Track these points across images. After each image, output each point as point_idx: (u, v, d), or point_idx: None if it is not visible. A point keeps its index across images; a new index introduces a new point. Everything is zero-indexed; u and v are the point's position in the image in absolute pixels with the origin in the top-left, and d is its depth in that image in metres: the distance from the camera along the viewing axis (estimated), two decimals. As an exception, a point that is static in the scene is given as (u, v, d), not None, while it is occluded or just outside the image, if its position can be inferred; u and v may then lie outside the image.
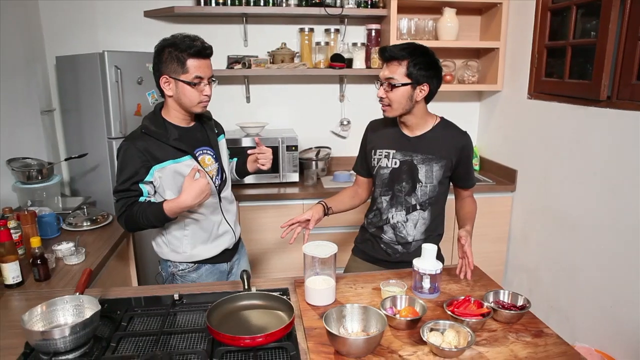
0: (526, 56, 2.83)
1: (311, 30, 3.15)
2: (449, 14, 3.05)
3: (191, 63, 1.55)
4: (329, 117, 3.41)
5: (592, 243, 2.34)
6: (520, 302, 1.41)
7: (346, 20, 3.19)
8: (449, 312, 1.32)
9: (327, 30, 3.19)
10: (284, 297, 1.43)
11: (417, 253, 1.76)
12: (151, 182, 1.64)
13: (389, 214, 1.77)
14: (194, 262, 1.79)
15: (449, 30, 3.06)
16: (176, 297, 1.51)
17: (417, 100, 1.64)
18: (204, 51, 1.57)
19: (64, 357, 1.20)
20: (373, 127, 1.85)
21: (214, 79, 1.65)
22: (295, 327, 1.35)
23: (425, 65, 1.60)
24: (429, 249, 1.51)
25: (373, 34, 3.17)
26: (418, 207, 1.74)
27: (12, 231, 1.84)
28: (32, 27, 2.81)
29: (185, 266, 1.79)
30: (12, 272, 1.66)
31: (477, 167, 3.43)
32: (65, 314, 1.31)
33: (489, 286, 1.61)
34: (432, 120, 1.74)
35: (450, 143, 1.71)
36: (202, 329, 1.33)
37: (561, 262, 2.58)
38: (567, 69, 2.48)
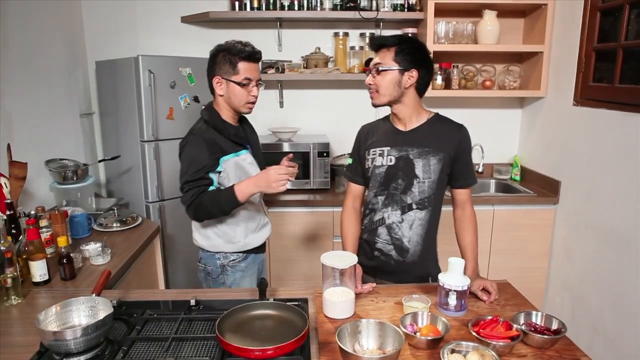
0: (572, 60, 2.66)
1: (346, 34, 3.10)
2: (490, 16, 2.92)
3: (242, 65, 1.71)
4: (363, 123, 3.32)
5: (643, 262, 2.15)
6: (555, 326, 1.29)
7: (381, 24, 3.12)
8: (474, 333, 1.23)
9: (362, 35, 3.13)
10: (300, 308, 1.37)
11: (416, 266, 1.68)
12: (219, 173, 1.75)
13: (383, 214, 1.68)
14: (244, 252, 1.88)
15: (489, 33, 2.93)
16: (192, 302, 1.48)
17: (406, 87, 1.59)
18: (253, 55, 1.74)
19: (75, 359, 1.20)
20: (365, 129, 1.81)
21: (261, 82, 1.79)
22: (310, 340, 1.29)
23: (412, 51, 1.58)
24: (456, 263, 1.42)
25: (409, 38, 3.08)
26: (414, 206, 1.65)
27: (43, 230, 1.90)
28: (75, 32, 2.92)
29: (236, 256, 1.87)
30: (39, 269, 1.69)
31: (517, 177, 3.25)
32: (80, 315, 1.31)
33: (522, 306, 1.49)
34: (426, 114, 1.68)
35: (446, 136, 1.65)
36: (215, 337, 1.29)
37: (608, 282, 2.39)
38: (618, 73, 2.31)
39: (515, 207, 2.87)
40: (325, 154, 2.92)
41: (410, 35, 1.63)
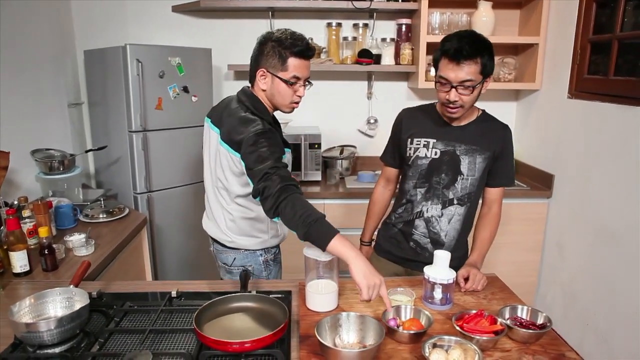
0: (567, 52, 2.62)
1: (339, 25, 3.05)
2: (485, 7, 2.88)
3: (292, 62, 1.52)
4: (355, 115, 3.31)
5: (635, 257, 2.13)
6: (540, 320, 1.27)
7: (375, 14, 3.07)
8: (457, 327, 1.20)
9: (355, 25, 3.09)
10: (283, 300, 1.35)
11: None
12: None
13: (422, 207, 1.66)
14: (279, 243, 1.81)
15: (484, 24, 2.89)
16: (174, 294, 1.46)
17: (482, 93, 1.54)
18: (307, 52, 1.54)
19: (50, 351, 1.17)
20: (408, 115, 1.73)
21: (309, 82, 1.61)
22: (290, 333, 1.27)
23: (492, 58, 1.49)
24: (442, 257, 1.39)
25: (403, 29, 3.04)
26: (455, 201, 1.64)
27: (26, 220, 1.87)
28: (63, 21, 2.87)
29: (276, 249, 1.82)
30: (19, 260, 1.66)
31: (511, 171, 3.22)
32: (56, 306, 1.29)
33: (509, 300, 1.47)
34: (475, 110, 1.65)
35: (493, 135, 1.63)
36: (193, 330, 1.27)
37: (600, 277, 2.37)
38: (613, 66, 2.28)
39: (508, 200, 2.80)
40: (316, 146, 2.88)
41: (477, 33, 1.50)
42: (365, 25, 3.07)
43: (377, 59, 3.02)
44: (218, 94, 3.16)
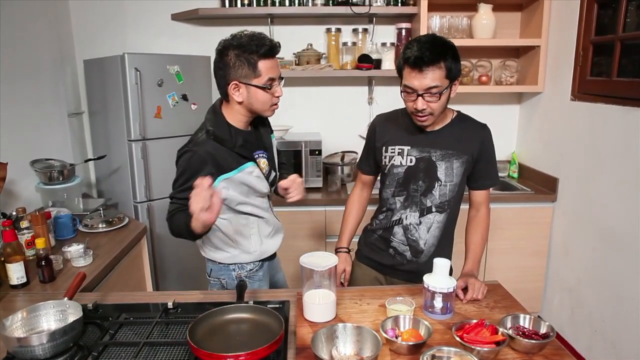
0: (570, 54, 2.59)
1: (338, 30, 3.04)
2: (485, 10, 2.85)
3: (263, 65, 1.43)
4: (356, 121, 3.28)
5: (642, 261, 2.08)
6: (543, 330, 1.23)
7: (374, 19, 3.06)
8: (457, 338, 1.17)
9: (354, 31, 3.07)
10: (280, 311, 1.32)
11: (428, 266, 1.60)
12: None
13: (401, 215, 1.63)
14: (262, 260, 1.71)
15: (485, 27, 2.87)
16: (170, 305, 1.44)
17: (452, 98, 1.50)
18: (274, 50, 1.46)
19: (42, 365, 1.16)
20: (381, 122, 1.68)
21: (281, 77, 1.52)
22: (287, 345, 1.24)
23: (456, 59, 1.44)
24: (441, 265, 1.36)
25: (403, 33, 3.02)
26: (434, 209, 1.59)
27: (24, 231, 1.86)
28: (62, 31, 2.88)
29: (252, 266, 1.69)
30: (16, 272, 1.65)
31: (515, 175, 3.19)
32: (49, 319, 1.27)
33: (512, 308, 1.43)
34: (450, 113, 1.59)
35: (470, 137, 1.57)
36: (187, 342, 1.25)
37: (607, 281, 2.32)
38: (616, 67, 2.24)
39: (513, 205, 2.81)
40: (317, 152, 2.86)
41: (438, 35, 1.45)
42: (365, 30, 3.06)
43: (377, 63, 3.00)
44: (218, 102, 3.16)
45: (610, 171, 2.30)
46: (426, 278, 1.38)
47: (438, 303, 1.35)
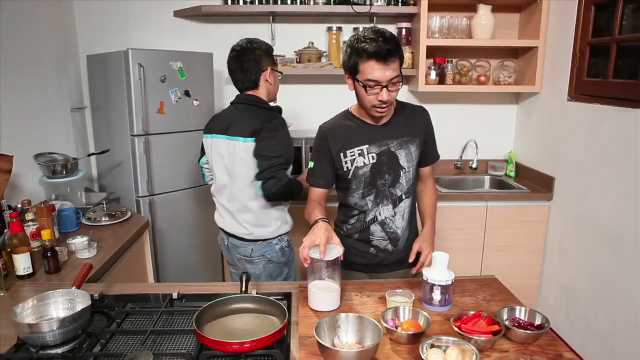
0: (567, 55, 2.63)
1: (339, 29, 3.07)
2: (484, 10, 2.89)
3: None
4: (356, 119, 3.31)
5: (636, 259, 2.13)
6: (538, 321, 1.27)
7: (375, 18, 3.09)
8: (456, 328, 1.21)
9: (355, 29, 3.10)
10: (280, 302, 1.36)
11: (407, 250, 1.63)
12: None
13: (376, 213, 1.65)
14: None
15: (484, 28, 2.91)
16: (175, 295, 1.47)
17: None
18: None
19: (52, 351, 1.19)
20: (330, 130, 1.65)
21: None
22: (290, 335, 1.28)
23: (402, 50, 1.51)
24: (440, 258, 1.40)
25: (403, 32, 3.06)
26: (404, 196, 1.64)
27: (29, 223, 1.89)
28: (66, 26, 2.90)
29: (287, 236, 2.05)
30: (23, 263, 1.68)
31: (512, 174, 3.23)
32: (58, 307, 1.30)
33: (508, 301, 1.47)
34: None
35: (416, 121, 1.65)
36: (193, 331, 1.28)
37: (602, 279, 2.37)
38: (612, 68, 2.29)
39: (509, 203, 2.85)
40: (317, 149, 2.89)
41: (379, 28, 1.47)
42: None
43: (377, 62, 3.03)
44: (219, 98, 3.18)
45: (605, 171, 2.34)
46: (425, 271, 1.42)
47: (437, 295, 1.40)
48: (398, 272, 1.71)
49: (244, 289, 1.40)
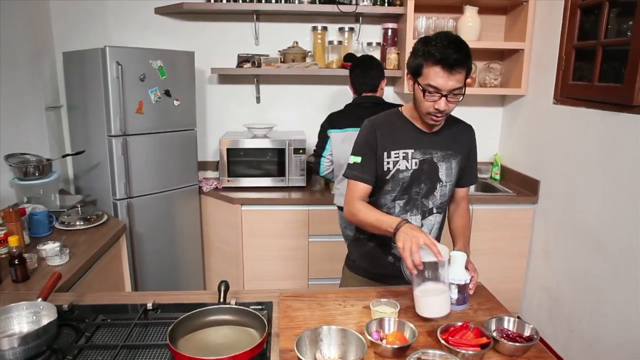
0: (553, 58, 2.62)
1: (324, 28, 3.02)
2: (471, 12, 2.87)
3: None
4: (341, 120, 3.26)
5: (620, 264, 2.12)
6: (527, 332, 1.23)
7: (361, 18, 3.05)
8: (442, 341, 1.16)
9: (341, 29, 3.06)
10: (260, 312, 1.30)
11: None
12: None
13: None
14: None
15: (470, 30, 2.88)
16: (150, 306, 1.40)
17: None
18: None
19: (14, 370, 1.11)
20: (380, 126, 1.55)
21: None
22: (270, 348, 1.22)
23: (471, 61, 1.41)
24: (458, 257, 1.40)
25: (389, 33, 3.02)
26: (435, 210, 1.58)
27: (-3, 229, 1.80)
28: (40, 23, 2.79)
29: None
30: (-12, 271, 1.59)
31: (497, 177, 3.22)
32: (21, 321, 1.22)
33: (496, 310, 1.43)
34: None
35: (463, 137, 1.60)
36: (167, 345, 1.21)
37: (585, 283, 2.36)
38: (597, 72, 2.27)
39: (494, 206, 2.83)
40: (301, 151, 2.84)
41: (456, 35, 1.38)
42: (351, 29, 3.05)
43: (363, 63, 2.99)
44: (201, 98, 3.11)
45: (590, 174, 2.33)
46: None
47: (454, 294, 1.39)
48: (372, 289, 1.59)
49: (222, 299, 1.34)
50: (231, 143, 2.84)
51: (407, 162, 1.54)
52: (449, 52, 1.33)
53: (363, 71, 2.37)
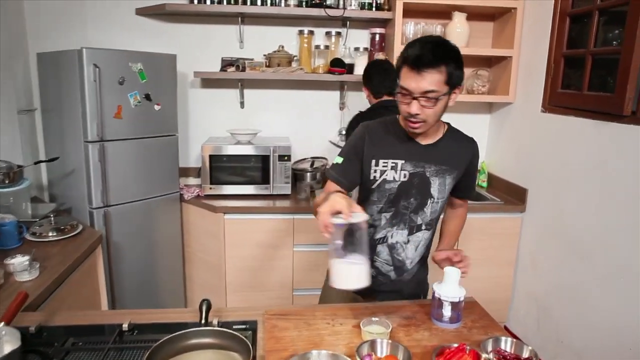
0: (541, 66, 2.60)
1: (311, 32, 2.96)
2: (459, 18, 2.84)
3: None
4: (327, 126, 3.21)
5: (608, 274, 2.10)
6: (525, 354, 1.18)
7: (348, 23, 2.99)
8: (438, 365, 1.10)
9: (327, 34, 3.00)
10: (245, 333, 1.22)
11: (410, 285, 1.57)
12: None
13: (387, 233, 1.52)
14: None
15: (459, 36, 2.85)
16: (125, 327, 1.31)
17: (449, 106, 1.39)
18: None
19: (-28, 403, 1.01)
20: (372, 131, 1.50)
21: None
22: (254, 373, 1.14)
23: (460, 66, 1.34)
24: (451, 273, 1.35)
25: (377, 38, 2.97)
26: (423, 227, 1.51)
27: (-39, 241, 1.68)
28: (13, 21, 2.65)
29: None
30: (-51, 289, 1.47)
31: (484, 184, 3.19)
32: (-18, 349, 1.12)
33: (490, 328, 1.38)
34: (442, 126, 1.50)
35: (462, 152, 1.51)
36: (144, 373, 1.12)
37: (574, 293, 2.33)
38: (587, 80, 2.26)
39: (482, 215, 2.79)
40: (286, 158, 2.76)
41: (442, 38, 1.34)
42: (338, 33, 2.99)
43: (350, 68, 2.93)
44: (183, 103, 3.01)
45: (579, 183, 2.31)
46: (435, 286, 1.36)
47: (447, 312, 1.34)
48: (362, 305, 1.52)
49: (204, 320, 1.26)
50: (214, 149, 2.75)
51: (396, 173, 1.47)
52: (422, 52, 1.30)
53: (386, 75, 2.33)
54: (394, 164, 1.47)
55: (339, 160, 1.53)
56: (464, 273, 1.40)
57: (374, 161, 1.48)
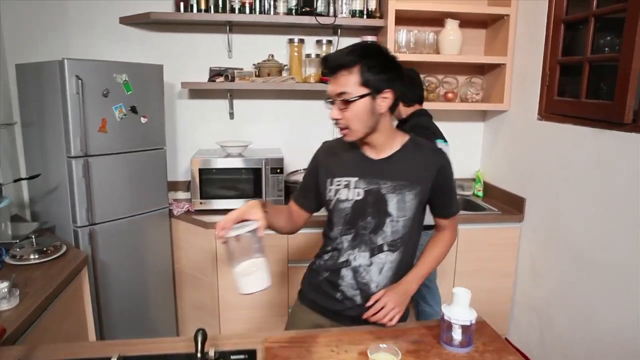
0: (536, 73, 2.57)
1: (301, 41, 2.89)
2: (452, 26, 2.80)
3: None
4: (320, 137, 3.06)
5: (611, 282, 2.05)
6: (545, 382, 1.11)
7: (339, 31, 2.93)
8: (455, 399, 1.03)
9: (318, 42, 2.94)
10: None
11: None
12: None
13: (349, 256, 1.44)
14: None
15: (452, 43, 2.81)
16: (114, 361, 1.21)
17: (382, 113, 1.31)
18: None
19: None
20: (326, 150, 1.50)
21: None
22: (257, 411, 1.05)
23: (382, 67, 1.28)
24: (461, 295, 1.28)
25: (369, 46, 2.91)
26: (385, 247, 1.41)
27: None
28: (-9, 32, 2.55)
29: None
30: None
31: (480, 194, 3.14)
32: (-46, 395, 1.01)
33: (503, 352, 1.31)
34: (400, 138, 1.41)
35: (423, 166, 1.39)
36: (136, 415, 1.03)
37: (577, 303, 2.29)
38: (584, 88, 2.22)
39: (479, 225, 2.74)
40: (278, 170, 2.68)
41: (369, 41, 1.31)
42: (329, 42, 2.93)
43: (342, 77, 2.87)
44: (170, 114, 2.91)
45: (578, 192, 2.27)
46: (444, 308, 1.29)
47: (457, 335, 1.27)
48: (368, 329, 1.43)
49: (199, 352, 1.17)
50: (203, 162, 2.65)
51: (349, 191, 1.40)
52: (335, 55, 1.31)
53: (417, 83, 2.45)
54: (347, 182, 1.41)
55: (303, 181, 1.55)
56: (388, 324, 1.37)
57: (329, 180, 1.44)
